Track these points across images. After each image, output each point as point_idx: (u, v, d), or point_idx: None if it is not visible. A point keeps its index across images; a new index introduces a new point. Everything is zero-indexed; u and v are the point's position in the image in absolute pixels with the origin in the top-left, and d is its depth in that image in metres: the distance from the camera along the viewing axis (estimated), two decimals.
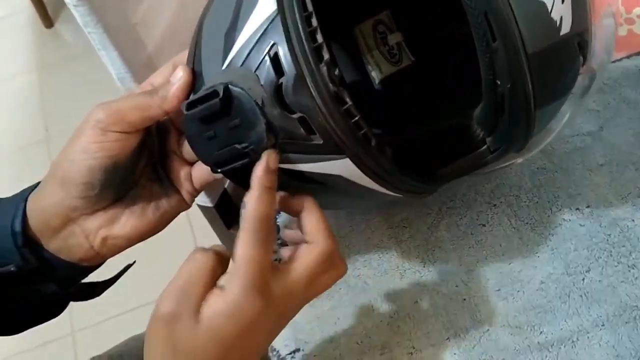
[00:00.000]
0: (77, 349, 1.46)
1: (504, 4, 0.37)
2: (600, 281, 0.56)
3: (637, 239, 0.58)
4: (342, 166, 0.40)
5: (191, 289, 0.37)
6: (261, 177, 0.38)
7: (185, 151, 0.46)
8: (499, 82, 0.40)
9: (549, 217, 0.60)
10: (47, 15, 2.07)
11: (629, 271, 0.56)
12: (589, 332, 0.53)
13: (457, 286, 0.57)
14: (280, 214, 0.59)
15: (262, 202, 0.38)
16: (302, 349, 0.56)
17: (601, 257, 0.57)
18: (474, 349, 0.54)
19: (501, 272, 0.57)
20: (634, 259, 0.56)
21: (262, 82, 0.38)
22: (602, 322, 0.54)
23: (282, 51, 0.37)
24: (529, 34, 0.38)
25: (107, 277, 0.49)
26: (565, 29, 0.40)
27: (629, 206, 0.59)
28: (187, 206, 0.47)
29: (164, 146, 0.46)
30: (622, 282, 0.56)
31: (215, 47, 0.41)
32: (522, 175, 0.62)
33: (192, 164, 0.47)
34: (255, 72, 0.38)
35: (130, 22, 0.76)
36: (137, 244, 0.46)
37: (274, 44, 0.37)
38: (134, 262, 0.48)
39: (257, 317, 0.37)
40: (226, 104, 0.38)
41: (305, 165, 0.41)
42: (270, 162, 0.38)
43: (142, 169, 0.45)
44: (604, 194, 0.61)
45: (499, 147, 0.44)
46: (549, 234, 0.59)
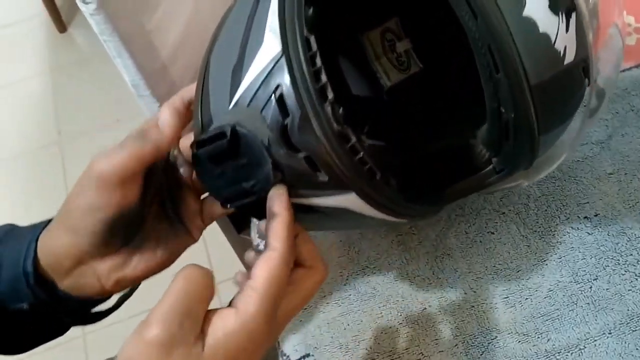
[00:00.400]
0: (88, 351, 1.47)
1: (506, 37, 0.37)
2: (607, 289, 0.56)
3: None
4: (348, 200, 0.41)
5: (192, 310, 0.35)
6: (286, 201, 0.39)
7: (197, 183, 0.46)
8: (503, 109, 0.40)
9: (557, 225, 0.61)
10: (61, 19, 2.09)
11: (637, 279, 0.56)
12: (596, 340, 0.54)
13: (465, 293, 0.58)
14: None
15: (289, 226, 0.38)
16: (312, 354, 0.57)
17: (609, 266, 0.57)
18: (482, 355, 0.54)
19: (509, 280, 0.58)
20: None
21: (268, 122, 0.39)
22: (609, 330, 0.54)
23: (287, 93, 0.38)
24: (532, 65, 0.38)
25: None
26: (569, 58, 0.40)
27: (637, 215, 0.60)
28: (195, 241, 0.47)
29: (174, 182, 0.46)
30: (629, 290, 0.56)
31: (222, 84, 0.41)
32: (531, 184, 0.63)
33: (201, 199, 0.47)
34: (261, 112, 0.39)
35: (145, 30, 0.77)
36: None
37: (279, 85, 0.38)
38: (138, 285, 0.48)
39: (262, 341, 0.36)
40: (233, 145, 0.39)
41: (311, 199, 0.41)
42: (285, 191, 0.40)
43: (150, 209, 0.45)
44: (612, 203, 0.61)
45: (504, 168, 0.45)
46: (557, 242, 0.60)
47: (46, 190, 1.78)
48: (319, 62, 0.38)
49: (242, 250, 1.04)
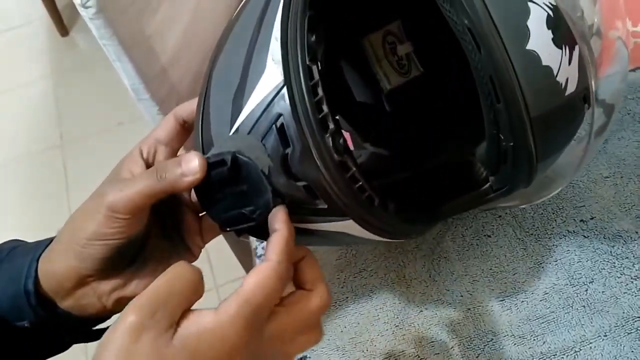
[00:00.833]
0: (88, 352, 1.48)
1: (508, 71, 0.37)
2: (603, 292, 0.57)
3: None
4: (346, 225, 0.41)
5: (170, 301, 0.34)
6: (285, 218, 0.39)
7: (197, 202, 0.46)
8: (502, 137, 0.41)
9: (553, 228, 0.61)
10: (63, 23, 2.11)
11: (632, 282, 0.57)
12: (591, 343, 0.54)
13: (461, 296, 0.58)
14: None
15: (287, 241, 0.38)
16: (309, 356, 0.57)
17: (604, 269, 0.58)
18: (477, 357, 0.55)
19: (505, 283, 0.58)
20: (637, 270, 0.57)
21: (268, 151, 0.39)
22: (605, 333, 0.54)
23: (288, 123, 0.38)
24: (533, 98, 0.38)
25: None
26: (570, 89, 0.40)
27: (632, 218, 0.60)
28: (195, 258, 0.48)
29: (174, 201, 0.47)
30: (624, 293, 0.56)
31: (223, 107, 0.42)
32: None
33: (200, 218, 0.47)
34: (262, 140, 0.39)
35: (144, 34, 0.78)
36: None
37: (280, 115, 0.38)
38: None
39: (238, 348, 0.35)
40: (234, 172, 0.39)
41: (310, 225, 0.42)
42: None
43: (152, 229, 0.45)
44: (608, 206, 0.61)
45: (502, 187, 0.45)
46: (553, 245, 0.60)
47: (48, 193, 1.79)
48: (320, 91, 0.38)
49: (242, 254, 1.04)
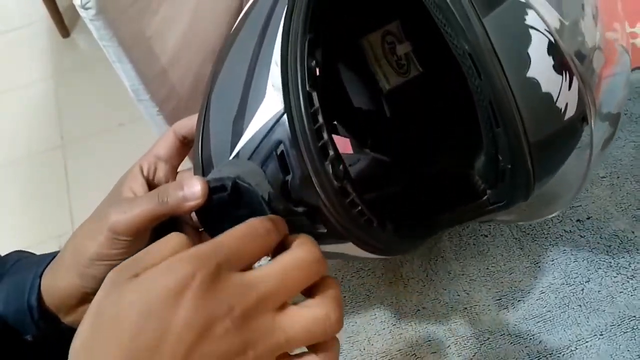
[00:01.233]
0: None
1: (508, 98, 0.38)
2: (599, 291, 0.57)
3: (637, 250, 0.59)
4: (346, 247, 0.42)
5: (140, 257, 0.32)
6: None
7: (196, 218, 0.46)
8: (500, 157, 0.41)
9: (549, 228, 0.61)
10: (64, 25, 2.11)
11: (628, 282, 0.57)
12: (587, 342, 0.54)
13: (458, 295, 0.58)
14: None
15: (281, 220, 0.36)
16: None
17: (601, 268, 0.58)
18: (474, 356, 0.55)
19: (502, 282, 0.59)
20: (633, 270, 0.57)
21: (268, 178, 0.39)
22: (601, 332, 0.55)
23: (289, 151, 0.38)
24: (533, 124, 0.38)
25: None
26: (570, 114, 0.40)
27: (629, 218, 0.61)
28: None
29: (174, 219, 0.46)
30: (620, 292, 0.57)
31: (223, 130, 0.42)
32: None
33: (201, 234, 0.47)
34: (262, 166, 0.39)
35: (144, 35, 0.79)
36: None
37: (280, 142, 0.39)
38: None
39: (188, 283, 0.29)
40: (234, 197, 0.40)
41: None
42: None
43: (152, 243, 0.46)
44: (604, 206, 0.62)
45: (499, 201, 0.45)
46: (550, 245, 0.60)
47: (48, 193, 1.79)
48: (320, 119, 0.38)
49: None
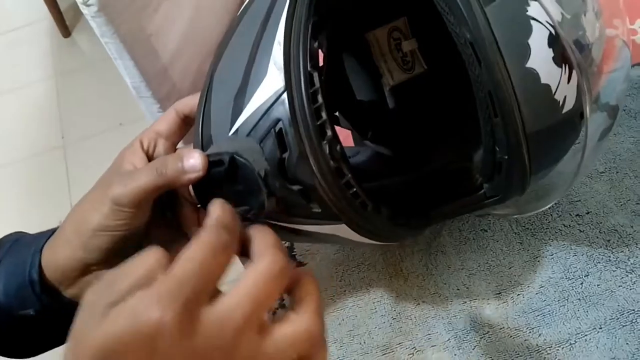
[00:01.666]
0: None
1: (507, 88, 0.38)
2: (598, 285, 0.57)
3: (636, 245, 0.59)
4: (339, 229, 0.42)
5: (117, 278, 0.31)
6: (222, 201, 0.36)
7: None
8: (498, 149, 0.41)
9: (549, 223, 0.61)
10: (65, 24, 2.12)
11: (627, 276, 0.57)
12: (586, 335, 0.55)
13: (458, 289, 0.59)
14: None
15: (226, 214, 0.34)
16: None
17: (600, 262, 0.58)
18: (473, 350, 0.55)
19: (502, 276, 0.59)
20: (632, 264, 0.58)
21: (266, 155, 0.40)
22: (600, 325, 0.55)
23: (287, 129, 0.39)
24: (530, 115, 0.39)
25: None
26: (567, 107, 0.41)
27: (628, 213, 0.61)
28: None
29: (173, 195, 0.47)
30: (620, 286, 0.57)
31: (224, 107, 0.42)
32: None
33: (199, 211, 0.48)
34: (260, 143, 0.40)
35: (145, 33, 0.79)
36: None
37: (279, 120, 0.39)
38: None
39: (160, 330, 0.28)
40: (231, 172, 0.40)
41: (302, 226, 0.43)
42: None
43: (153, 219, 0.46)
44: (603, 201, 0.62)
45: (495, 195, 0.45)
46: (549, 240, 0.60)
47: (50, 193, 1.80)
48: (320, 99, 0.39)
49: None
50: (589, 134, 0.47)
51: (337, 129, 0.62)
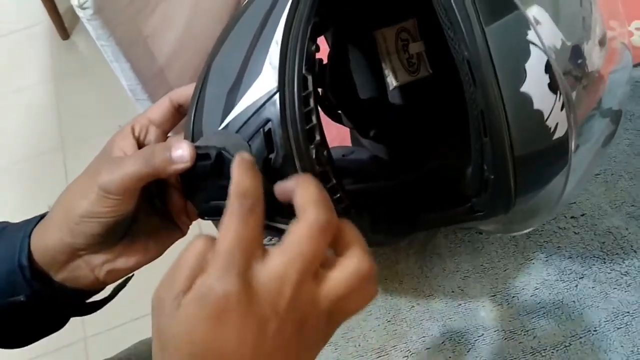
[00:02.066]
0: (89, 354, 1.48)
1: (498, 109, 0.38)
2: (593, 287, 0.57)
3: (631, 247, 0.59)
4: None
5: (176, 272, 0.33)
6: (241, 160, 0.36)
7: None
8: (485, 167, 0.41)
9: (544, 225, 0.61)
10: (64, 27, 2.12)
11: (622, 278, 0.57)
12: (581, 337, 0.55)
13: (453, 292, 0.59)
14: None
15: (243, 178, 0.35)
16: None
17: (595, 265, 0.58)
18: (468, 352, 0.55)
19: (496, 279, 0.59)
20: (626, 266, 0.58)
21: (253, 153, 0.40)
22: (595, 328, 0.55)
23: (276, 130, 0.39)
24: (520, 139, 0.39)
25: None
26: (559, 134, 0.41)
27: (623, 215, 0.61)
28: (184, 235, 0.49)
29: (161, 182, 0.47)
30: (614, 288, 0.57)
31: (217, 100, 0.43)
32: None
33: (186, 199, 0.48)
34: (248, 141, 0.40)
35: (141, 35, 0.79)
36: None
37: (269, 120, 0.39)
38: (132, 275, 0.49)
39: (228, 303, 0.31)
40: (217, 167, 0.40)
41: (284, 226, 0.42)
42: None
43: (141, 205, 0.46)
44: (598, 203, 0.62)
45: (480, 210, 0.45)
46: (544, 242, 0.60)
47: (49, 196, 1.79)
48: (312, 102, 0.39)
49: None
50: (595, 138, 0.47)
51: (336, 127, 0.62)
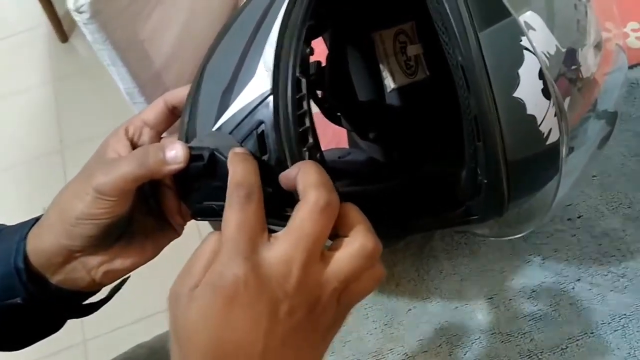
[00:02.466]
0: (89, 357, 1.48)
1: (491, 115, 0.38)
2: (590, 290, 0.57)
3: (627, 248, 0.59)
4: None
5: (191, 266, 0.35)
6: (234, 154, 0.38)
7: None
8: (479, 171, 0.41)
9: (541, 227, 0.61)
10: (63, 30, 2.12)
11: (619, 280, 0.57)
12: (578, 340, 0.55)
13: (450, 294, 0.59)
14: None
15: (237, 169, 0.36)
16: None
17: (591, 267, 0.58)
18: (465, 355, 0.55)
19: (493, 281, 0.59)
20: (623, 268, 0.58)
21: None
22: (592, 330, 0.55)
23: (269, 132, 0.39)
24: (513, 144, 0.39)
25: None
26: (552, 139, 0.41)
27: (619, 217, 0.61)
28: (178, 235, 0.49)
29: (155, 183, 0.47)
30: (611, 291, 0.57)
31: (211, 102, 0.43)
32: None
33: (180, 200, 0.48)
34: (241, 143, 0.40)
35: (138, 39, 0.79)
36: None
37: (262, 122, 0.39)
38: (128, 277, 0.50)
39: (238, 287, 0.32)
40: (210, 168, 0.40)
41: (276, 227, 0.43)
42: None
43: (136, 206, 0.46)
44: (595, 205, 0.62)
45: (473, 214, 0.45)
46: (541, 244, 0.60)
47: (47, 198, 1.79)
48: (305, 105, 0.39)
49: None
50: (590, 140, 0.47)
51: (333, 129, 0.62)
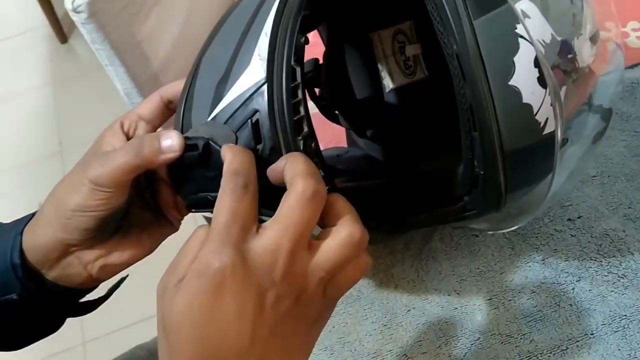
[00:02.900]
0: (88, 359, 1.48)
1: (487, 104, 0.38)
2: (590, 290, 0.57)
3: (628, 249, 0.59)
4: None
5: (179, 260, 0.34)
6: (230, 145, 0.38)
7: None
8: (475, 163, 0.41)
9: (540, 227, 0.61)
10: (62, 31, 2.12)
11: (619, 281, 0.57)
12: (578, 341, 0.54)
13: (449, 295, 0.58)
14: None
15: (235, 158, 0.36)
16: None
17: (592, 267, 0.58)
18: (464, 356, 0.55)
19: (493, 282, 0.59)
20: (624, 268, 0.57)
21: (240, 144, 0.40)
22: (592, 331, 0.55)
23: (263, 121, 0.39)
24: (509, 133, 0.39)
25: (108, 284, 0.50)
26: (549, 129, 0.40)
27: (619, 217, 0.60)
28: (176, 229, 0.49)
29: (151, 175, 0.47)
30: (611, 291, 0.56)
31: (206, 92, 0.43)
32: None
33: (176, 194, 0.48)
34: (236, 132, 0.40)
35: (136, 39, 0.79)
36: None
37: (257, 111, 0.39)
38: (127, 275, 0.50)
39: (225, 275, 0.32)
40: (204, 158, 0.40)
41: (268, 218, 0.42)
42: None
43: (133, 200, 0.46)
44: (595, 205, 0.62)
45: (472, 209, 0.45)
46: (541, 245, 0.60)
47: None
48: (299, 94, 0.39)
49: None
50: (585, 133, 0.47)
51: (332, 127, 0.62)
